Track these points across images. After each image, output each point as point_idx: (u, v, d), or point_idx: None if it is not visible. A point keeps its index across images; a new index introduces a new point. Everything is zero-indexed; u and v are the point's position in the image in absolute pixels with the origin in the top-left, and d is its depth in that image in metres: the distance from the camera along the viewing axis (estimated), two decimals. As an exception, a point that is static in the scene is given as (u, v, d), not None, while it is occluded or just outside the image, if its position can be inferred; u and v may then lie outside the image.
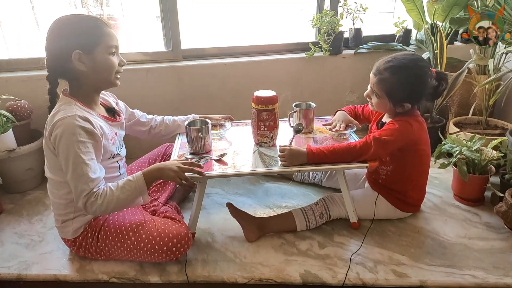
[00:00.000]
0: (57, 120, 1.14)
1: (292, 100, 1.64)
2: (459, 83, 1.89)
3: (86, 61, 1.19)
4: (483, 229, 1.46)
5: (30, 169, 1.80)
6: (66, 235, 1.31)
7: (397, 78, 1.30)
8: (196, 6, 2.88)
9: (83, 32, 1.18)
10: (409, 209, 1.50)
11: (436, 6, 1.95)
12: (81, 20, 1.19)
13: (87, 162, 1.14)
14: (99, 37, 1.20)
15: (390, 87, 1.32)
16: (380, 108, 1.41)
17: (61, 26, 1.19)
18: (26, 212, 1.66)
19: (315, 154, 1.31)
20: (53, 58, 1.21)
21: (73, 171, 1.13)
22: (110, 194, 1.16)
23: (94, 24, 1.20)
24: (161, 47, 2.15)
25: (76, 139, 1.13)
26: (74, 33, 1.18)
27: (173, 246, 1.23)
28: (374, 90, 1.36)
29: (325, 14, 2.16)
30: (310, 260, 1.32)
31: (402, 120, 1.34)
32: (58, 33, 1.19)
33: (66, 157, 1.13)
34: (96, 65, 1.21)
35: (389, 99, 1.34)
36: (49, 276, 1.30)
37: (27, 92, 1.89)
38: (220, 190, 1.79)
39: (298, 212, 1.46)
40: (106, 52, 1.21)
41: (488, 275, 1.24)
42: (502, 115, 2.14)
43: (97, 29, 1.20)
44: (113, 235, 1.27)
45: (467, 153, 1.53)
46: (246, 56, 2.20)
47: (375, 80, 1.34)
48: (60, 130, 1.13)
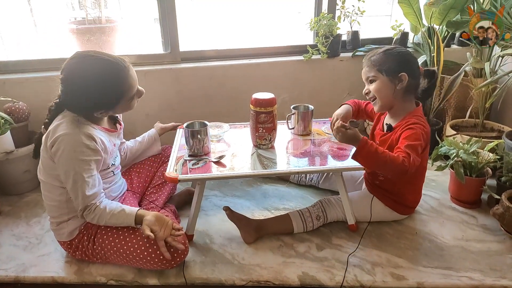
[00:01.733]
0: (61, 135, 1.13)
1: (290, 102, 1.65)
2: (455, 86, 1.91)
3: (107, 113, 1.24)
4: (480, 231, 1.47)
5: (28, 171, 1.80)
6: (62, 237, 1.30)
7: (383, 52, 1.35)
8: (194, 8, 2.88)
9: (108, 92, 1.17)
10: (405, 211, 1.50)
11: (433, 10, 1.96)
12: (106, 70, 1.15)
13: (87, 180, 1.16)
14: (123, 93, 1.20)
15: (378, 62, 1.34)
16: (380, 94, 1.36)
17: (85, 74, 1.14)
18: (24, 214, 1.66)
19: (369, 145, 1.22)
20: (74, 105, 1.19)
21: (72, 185, 1.17)
22: (104, 215, 1.20)
23: (119, 76, 1.17)
24: (160, 50, 2.15)
25: (78, 157, 1.14)
26: (99, 92, 1.15)
27: (170, 254, 1.21)
28: (368, 77, 1.37)
29: (323, 17, 2.17)
30: (308, 262, 1.32)
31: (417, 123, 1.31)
32: (81, 83, 1.14)
33: (66, 171, 1.15)
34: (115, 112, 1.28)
35: (384, 74, 1.33)
36: (47, 278, 1.30)
37: (25, 94, 1.88)
38: (218, 192, 1.79)
39: (295, 214, 1.46)
40: (127, 102, 1.23)
41: (485, 277, 1.25)
42: (498, 118, 2.15)
43: (122, 83, 1.18)
44: (110, 239, 1.26)
45: (464, 156, 1.54)
46: (244, 59, 2.21)
47: (365, 67, 1.38)
48: (62, 146, 1.13)
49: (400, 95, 1.36)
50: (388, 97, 1.36)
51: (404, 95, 1.36)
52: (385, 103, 1.38)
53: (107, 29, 2.20)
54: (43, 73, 1.93)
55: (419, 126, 1.30)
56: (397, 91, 1.35)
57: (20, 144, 1.76)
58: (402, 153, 1.23)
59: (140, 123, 2.01)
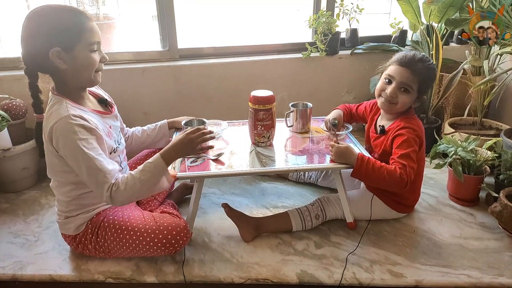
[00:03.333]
0: (53, 124, 1.11)
1: (289, 100, 1.65)
2: (454, 84, 1.91)
3: (66, 58, 1.13)
4: (478, 229, 1.47)
5: (26, 169, 1.79)
6: (68, 231, 1.29)
7: (431, 72, 1.36)
8: (193, 5, 2.87)
9: (63, 28, 1.11)
10: (404, 210, 1.51)
11: (432, 7, 1.96)
12: (61, 14, 1.12)
13: (97, 157, 1.12)
14: (80, 34, 1.13)
15: (423, 79, 1.34)
16: (405, 106, 1.37)
17: (39, 19, 1.11)
18: (22, 211, 1.65)
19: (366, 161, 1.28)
20: (30, 53, 1.14)
21: (87, 170, 1.11)
22: (131, 178, 1.14)
23: (75, 18, 1.12)
24: (158, 47, 2.15)
25: (77, 137, 1.10)
26: (53, 29, 1.10)
27: (172, 238, 1.22)
28: (406, 84, 1.34)
29: (321, 14, 2.16)
30: (307, 260, 1.32)
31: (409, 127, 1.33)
32: (35, 27, 1.11)
33: (75, 159, 1.11)
34: (76, 63, 1.15)
35: (418, 91, 1.35)
36: (45, 276, 1.29)
37: (22, 90, 1.83)
38: (216, 190, 1.79)
39: (294, 212, 1.46)
40: (87, 50, 1.15)
41: (483, 274, 1.25)
42: (496, 116, 2.16)
43: (78, 24, 1.12)
44: (112, 231, 1.26)
45: (462, 154, 1.54)
46: (243, 56, 2.20)
47: (408, 73, 1.33)
48: (59, 134, 1.11)
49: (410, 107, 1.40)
50: (404, 108, 1.39)
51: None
52: (397, 112, 1.41)
53: (105, 26, 2.20)
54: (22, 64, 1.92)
55: (409, 130, 1.33)
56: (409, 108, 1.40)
57: (17, 141, 1.75)
58: (397, 164, 1.28)
59: (138, 122, 1.99)
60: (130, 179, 1.14)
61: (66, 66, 1.14)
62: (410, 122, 1.34)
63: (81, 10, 1.17)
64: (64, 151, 1.12)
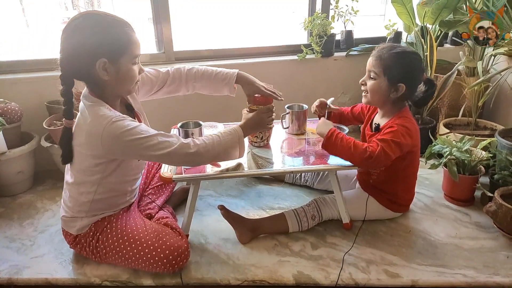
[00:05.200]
0: (103, 128, 1.09)
1: (285, 101, 1.65)
2: (449, 85, 1.92)
3: (110, 70, 1.12)
4: (473, 228, 1.48)
5: (21, 172, 1.79)
6: (71, 229, 1.28)
7: (396, 56, 1.33)
8: (189, 8, 2.87)
9: (112, 38, 1.10)
10: (399, 209, 1.51)
11: (426, 9, 1.98)
12: (110, 23, 1.11)
13: (155, 134, 1.14)
14: (127, 46, 1.12)
15: (387, 63, 1.32)
16: (374, 93, 1.37)
17: (88, 26, 1.09)
18: (17, 215, 1.65)
19: (335, 135, 1.31)
20: (73, 60, 1.11)
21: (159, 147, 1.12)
22: (211, 136, 1.21)
23: (124, 29, 1.12)
24: (154, 50, 2.15)
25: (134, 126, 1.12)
26: (103, 38, 1.09)
27: (173, 259, 1.22)
28: (371, 70, 1.36)
29: (316, 16, 2.17)
30: (303, 261, 1.32)
31: (401, 124, 1.33)
32: (84, 33, 1.08)
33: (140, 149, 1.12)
34: (119, 75, 1.14)
35: (385, 76, 1.33)
36: (41, 280, 1.29)
37: (18, 94, 1.87)
38: (213, 192, 1.79)
39: (290, 213, 1.46)
40: (130, 62, 1.15)
41: (479, 274, 1.25)
42: (491, 116, 2.17)
43: (126, 36, 1.12)
44: (114, 239, 1.25)
45: (457, 154, 1.55)
46: (239, 58, 2.21)
47: (373, 59, 1.35)
48: (114, 130, 1.09)
49: (391, 100, 1.38)
50: (379, 99, 1.39)
51: (395, 100, 1.38)
52: (373, 102, 1.42)
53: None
54: (36, 73, 1.92)
55: (401, 127, 1.32)
56: (390, 97, 1.37)
57: (12, 145, 1.74)
58: (372, 143, 1.30)
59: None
60: (210, 136, 1.21)
61: (109, 78, 1.13)
62: (405, 121, 1.35)
63: (127, 22, 1.16)
64: (125, 143, 1.11)
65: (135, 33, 1.16)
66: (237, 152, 1.26)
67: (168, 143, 1.14)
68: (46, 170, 1.98)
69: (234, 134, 1.25)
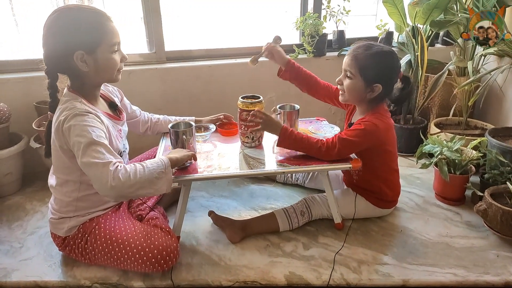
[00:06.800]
0: (66, 116, 1.11)
1: (277, 101, 1.65)
2: (439, 84, 1.93)
3: (89, 61, 1.15)
4: (464, 227, 1.49)
5: (10, 174, 1.76)
6: (59, 231, 1.27)
7: (371, 57, 1.32)
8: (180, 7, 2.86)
9: (86, 30, 1.12)
10: (387, 205, 1.51)
11: (417, 9, 1.98)
12: (83, 15, 1.13)
13: (104, 143, 1.11)
14: (102, 36, 1.14)
15: (363, 64, 1.32)
16: (350, 92, 1.37)
17: (62, 21, 1.12)
18: (6, 218, 1.62)
19: (288, 133, 1.34)
20: (53, 55, 1.15)
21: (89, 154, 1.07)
22: (133, 166, 1.11)
23: (97, 20, 1.14)
24: (145, 49, 2.13)
25: (88, 125, 1.11)
26: (76, 31, 1.11)
27: (162, 258, 1.20)
28: (347, 70, 1.36)
29: (308, 16, 2.17)
30: (295, 262, 1.32)
31: (369, 121, 1.33)
32: (59, 29, 1.12)
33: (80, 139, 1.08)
34: (98, 65, 1.17)
35: (362, 77, 1.33)
36: (30, 283, 1.27)
37: (6, 95, 1.84)
38: (205, 192, 1.78)
39: (280, 212, 1.46)
40: (108, 51, 1.17)
41: (469, 273, 1.26)
42: (481, 116, 2.19)
43: (100, 26, 1.14)
44: (102, 240, 1.24)
45: (448, 153, 1.56)
46: (231, 58, 2.20)
47: (349, 59, 1.35)
48: (71, 123, 1.10)
49: (367, 99, 1.38)
50: (355, 98, 1.40)
51: (372, 99, 1.38)
52: (350, 100, 1.44)
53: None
54: (25, 73, 1.89)
55: (368, 124, 1.32)
56: (366, 98, 1.37)
57: (0, 146, 1.72)
58: (331, 138, 1.34)
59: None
60: (133, 166, 1.11)
61: (88, 69, 1.16)
62: (376, 118, 1.34)
63: (101, 11, 1.17)
64: (73, 137, 1.10)
65: (111, 22, 1.17)
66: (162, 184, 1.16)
67: (103, 155, 1.08)
68: (35, 172, 1.95)
69: (160, 164, 1.16)
